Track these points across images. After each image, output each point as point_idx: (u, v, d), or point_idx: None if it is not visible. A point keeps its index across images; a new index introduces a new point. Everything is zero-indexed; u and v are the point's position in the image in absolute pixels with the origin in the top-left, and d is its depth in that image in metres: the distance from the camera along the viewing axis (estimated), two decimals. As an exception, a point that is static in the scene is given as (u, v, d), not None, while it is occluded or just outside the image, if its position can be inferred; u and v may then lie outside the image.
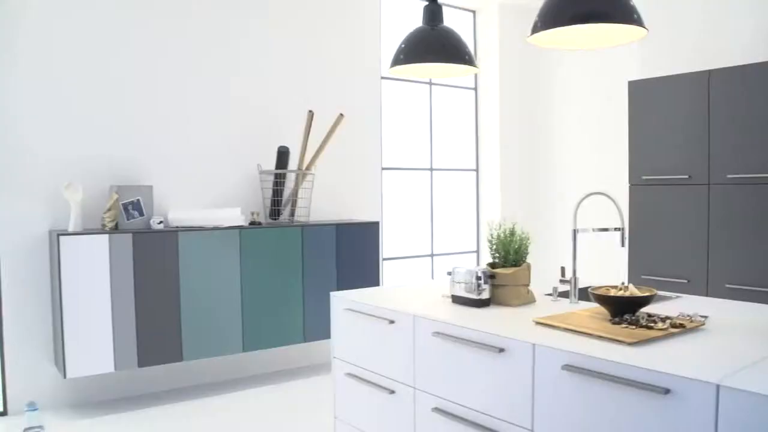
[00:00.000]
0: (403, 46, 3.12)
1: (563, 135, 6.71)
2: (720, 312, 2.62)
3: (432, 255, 6.78)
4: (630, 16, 2.31)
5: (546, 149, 6.87)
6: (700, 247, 4.52)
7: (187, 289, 4.52)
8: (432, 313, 2.69)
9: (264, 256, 4.82)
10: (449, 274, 2.88)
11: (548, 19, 2.37)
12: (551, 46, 2.64)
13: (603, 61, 6.21)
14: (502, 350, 2.31)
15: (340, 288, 5.12)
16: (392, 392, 2.87)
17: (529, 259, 2.91)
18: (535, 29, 2.41)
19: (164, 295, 4.43)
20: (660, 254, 4.75)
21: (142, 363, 4.37)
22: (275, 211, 5.19)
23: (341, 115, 5.23)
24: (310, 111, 5.11)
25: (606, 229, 2.94)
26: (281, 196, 5.19)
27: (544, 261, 6.41)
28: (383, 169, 6.19)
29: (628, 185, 4.92)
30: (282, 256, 4.90)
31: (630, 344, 2.08)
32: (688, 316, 2.43)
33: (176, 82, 4.93)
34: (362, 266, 5.31)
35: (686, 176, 4.56)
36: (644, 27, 2.35)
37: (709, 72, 4.42)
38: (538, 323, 2.43)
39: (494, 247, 2.89)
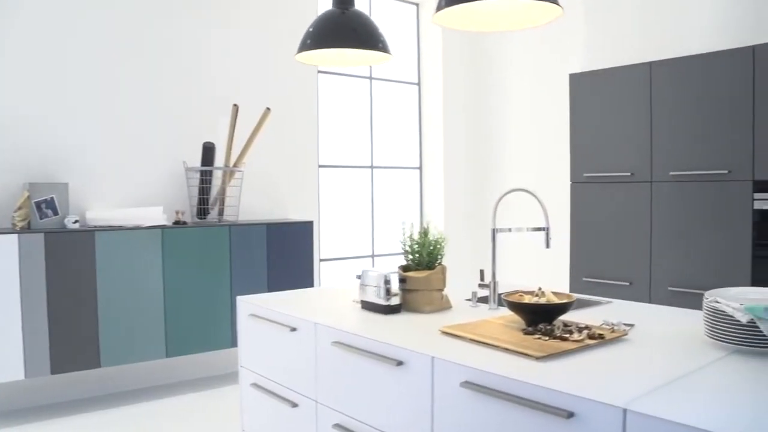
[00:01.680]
0: (311, 30, 2.84)
1: (508, 131, 6.49)
2: (649, 319, 2.41)
3: (373, 256, 6.53)
4: (543, -7, 2.07)
5: (491, 146, 6.65)
6: (642, 248, 4.35)
7: (105, 291, 4.26)
8: (335, 320, 2.44)
9: (189, 257, 4.57)
10: (358, 277, 2.65)
11: (454, -5, 2.11)
12: (460, 27, 2.37)
13: (550, 55, 6.01)
14: (400, 363, 2.07)
15: (271, 290, 4.88)
16: (295, 405, 2.62)
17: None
18: (440, 7, 2.14)
19: (80, 298, 4.18)
20: (602, 255, 4.57)
21: (55, 370, 4.11)
22: (203, 210, 4.91)
23: (268, 108, 4.95)
24: (235, 105, 4.83)
25: (540, 229, 2.76)
26: (209, 194, 4.92)
27: (488, 263, 6.22)
28: (320, 166, 5.94)
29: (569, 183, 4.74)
30: (208, 257, 4.65)
31: (538, 359, 1.86)
32: (612, 324, 2.22)
33: (95, 73, 4.61)
34: (295, 268, 5.07)
35: (628, 173, 4.39)
36: (558, 5, 2.12)
37: (650, 64, 4.24)
38: (444, 333, 2.20)
39: (407, 248, 2.66)
